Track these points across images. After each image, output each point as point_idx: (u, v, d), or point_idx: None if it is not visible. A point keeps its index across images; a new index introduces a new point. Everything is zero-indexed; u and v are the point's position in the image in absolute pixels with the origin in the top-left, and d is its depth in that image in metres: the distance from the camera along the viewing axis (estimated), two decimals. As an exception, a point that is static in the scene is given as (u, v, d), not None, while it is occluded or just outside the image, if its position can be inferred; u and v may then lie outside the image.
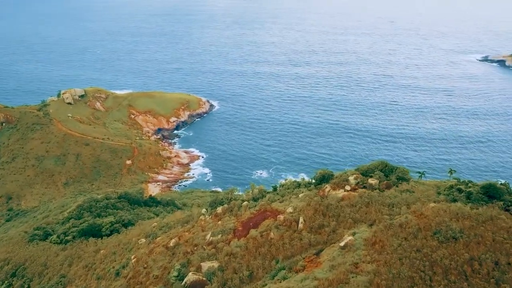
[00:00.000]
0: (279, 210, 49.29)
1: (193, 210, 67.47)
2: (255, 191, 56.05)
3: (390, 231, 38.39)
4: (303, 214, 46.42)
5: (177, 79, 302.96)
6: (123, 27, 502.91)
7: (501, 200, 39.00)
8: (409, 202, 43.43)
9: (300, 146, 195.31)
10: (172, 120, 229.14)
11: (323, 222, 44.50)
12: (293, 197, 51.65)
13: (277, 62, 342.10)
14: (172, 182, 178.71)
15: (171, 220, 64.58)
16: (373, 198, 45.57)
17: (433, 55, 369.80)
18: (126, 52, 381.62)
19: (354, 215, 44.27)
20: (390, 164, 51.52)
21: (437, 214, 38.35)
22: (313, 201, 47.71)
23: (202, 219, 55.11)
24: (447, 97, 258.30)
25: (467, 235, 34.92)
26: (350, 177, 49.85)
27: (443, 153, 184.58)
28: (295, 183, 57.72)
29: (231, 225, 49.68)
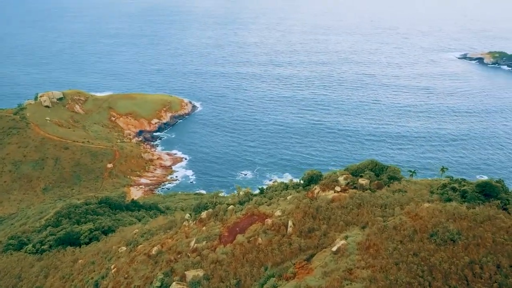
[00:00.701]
0: (266, 214, 46.99)
1: (176, 215, 64.59)
2: (241, 194, 53.66)
3: (385, 234, 36.48)
4: (292, 217, 44.23)
5: (158, 81, 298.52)
6: (102, 28, 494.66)
7: (498, 198, 37.45)
8: (402, 202, 41.62)
9: (284, 146, 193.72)
10: (154, 122, 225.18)
11: (313, 226, 42.38)
12: (281, 199, 49.41)
13: (260, 63, 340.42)
14: (155, 185, 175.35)
15: (153, 226, 61.58)
16: (364, 199, 43.64)
17: (414, 54, 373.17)
18: (106, 53, 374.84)
19: (346, 217, 42.24)
20: (380, 163, 49.74)
21: (433, 214, 36.62)
22: (302, 204, 45.56)
23: (185, 225, 52.40)
24: (429, 96, 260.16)
25: (466, 237, 33.22)
26: (340, 178, 47.85)
27: (426, 151, 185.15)
28: (283, 184, 55.45)
29: (216, 230, 47.18)
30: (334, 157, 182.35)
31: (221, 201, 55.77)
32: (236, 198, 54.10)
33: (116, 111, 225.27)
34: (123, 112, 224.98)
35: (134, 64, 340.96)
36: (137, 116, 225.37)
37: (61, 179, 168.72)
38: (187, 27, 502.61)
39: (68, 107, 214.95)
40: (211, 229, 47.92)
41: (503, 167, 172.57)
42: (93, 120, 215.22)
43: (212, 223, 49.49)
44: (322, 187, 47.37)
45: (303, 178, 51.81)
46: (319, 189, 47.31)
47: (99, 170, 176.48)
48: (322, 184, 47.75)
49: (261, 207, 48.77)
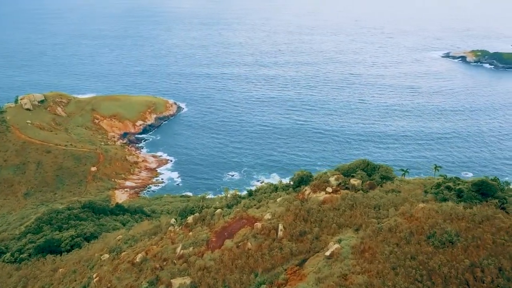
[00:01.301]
0: (256, 217, 45.07)
1: (161, 220, 62.21)
2: (228, 197, 51.64)
3: (380, 237, 34.91)
4: (282, 220, 42.41)
5: (142, 82, 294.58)
6: (84, 29, 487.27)
7: (495, 197, 36.15)
8: (397, 203, 40.11)
9: (270, 147, 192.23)
10: (138, 123, 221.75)
11: (305, 229, 40.61)
12: (271, 202, 47.52)
13: (245, 63, 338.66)
14: (140, 188, 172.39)
15: (137, 232, 59.06)
16: (357, 200, 42.04)
17: (398, 53, 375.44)
18: (88, 55, 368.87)
19: (338, 219, 40.56)
20: (372, 163, 48.25)
21: (429, 215, 35.17)
22: (292, 206, 43.77)
23: (171, 230, 50.14)
24: (414, 95, 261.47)
25: (465, 238, 31.80)
26: (331, 178, 46.17)
27: (413, 150, 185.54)
28: (272, 186, 53.56)
29: (203, 235, 45.09)
30: (321, 157, 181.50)
31: (208, 204, 53.66)
32: (223, 201, 52.07)
33: (100, 113, 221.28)
34: (107, 114, 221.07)
35: (117, 65, 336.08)
36: (121, 118, 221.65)
37: (44, 184, 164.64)
38: (171, 27, 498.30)
39: (49, 110, 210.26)
40: (198, 234, 45.82)
41: (487, 165, 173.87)
42: (76, 123, 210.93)
43: (199, 228, 47.36)
44: (312, 188, 45.64)
45: (293, 179, 50.04)
46: (309, 191, 45.57)
47: (83, 173, 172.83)
48: (313, 185, 46.02)
49: (250, 210, 46.84)
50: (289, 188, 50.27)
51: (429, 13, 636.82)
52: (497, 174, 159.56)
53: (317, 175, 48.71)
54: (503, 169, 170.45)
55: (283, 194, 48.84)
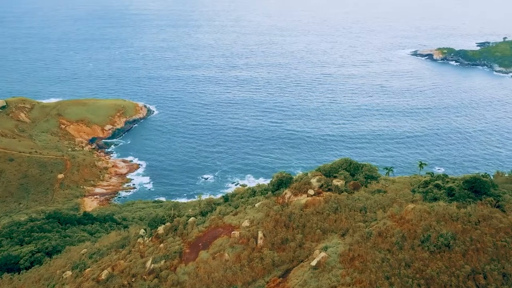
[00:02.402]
0: (233, 225, 41.41)
1: (130, 231, 57.46)
2: (202, 204, 47.72)
3: (369, 242, 31.93)
4: (262, 227, 38.91)
5: (110, 85, 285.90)
6: (47, 32, 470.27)
7: (489, 195, 33.77)
8: (384, 204, 37.28)
9: (244, 150, 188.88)
10: (107, 128, 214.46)
11: (287, 236, 37.27)
12: (249, 207, 43.91)
13: (216, 65, 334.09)
14: (111, 195, 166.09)
15: (103, 245, 54.16)
16: (341, 203, 39.01)
17: (367, 52, 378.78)
18: (52, 59, 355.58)
19: (322, 224, 37.39)
20: (355, 162, 45.39)
21: (420, 217, 32.45)
22: (272, 211, 40.32)
23: (140, 242, 45.73)
24: (384, 94, 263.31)
25: (462, 242, 29.15)
26: (312, 180, 42.97)
27: (387, 150, 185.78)
28: (249, 190, 49.92)
29: (176, 247, 41.09)
30: (295, 158, 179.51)
31: (180, 213, 49.53)
32: (197, 208, 48.11)
33: (66, 118, 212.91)
34: (74, 119, 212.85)
35: (83, 69, 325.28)
36: (89, 122, 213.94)
37: (7, 193, 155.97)
38: (139, 30, 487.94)
39: (12, 116, 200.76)
40: (169, 246, 41.76)
41: (455, 161, 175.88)
42: (40, 129, 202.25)
43: (170, 239, 43.25)
44: (293, 191, 42.34)
45: (272, 182, 46.55)
46: (290, 194, 42.23)
47: (49, 181, 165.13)
48: (293, 188, 42.72)
49: (226, 217, 43.12)
50: (268, 192, 46.73)
51: (395, 13, 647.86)
52: (467, 170, 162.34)
53: (298, 176, 45.47)
54: (472, 164, 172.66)
55: (262, 198, 45.31)
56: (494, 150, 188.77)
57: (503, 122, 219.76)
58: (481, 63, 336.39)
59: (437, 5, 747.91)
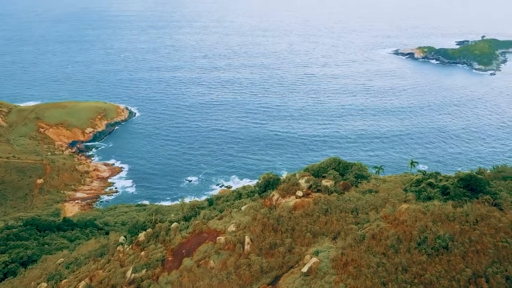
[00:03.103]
0: (218, 230, 39.27)
1: (110, 238, 54.72)
2: (185, 208, 45.44)
3: (363, 246, 30.20)
4: (248, 232, 36.87)
5: (91, 88, 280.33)
6: (24, 35, 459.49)
7: (485, 193, 32.37)
8: (377, 205, 35.63)
9: (228, 152, 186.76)
10: (88, 131, 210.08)
11: (275, 240, 35.31)
12: (234, 211, 41.83)
13: (198, 66, 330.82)
14: (92, 199, 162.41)
15: (81, 253, 51.30)
16: (332, 204, 37.23)
17: (350, 52, 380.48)
18: (30, 61, 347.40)
19: (312, 227, 35.53)
20: (344, 161, 43.75)
21: (415, 217, 30.87)
22: (259, 214, 38.32)
23: (120, 250, 43.21)
24: (367, 93, 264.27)
25: (461, 243, 27.61)
26: (301, 180, 41.14)
27: (371, 149, 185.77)
28: (235, 193, 47.80)
29: (158, 255, 38.77)
30: (280, 160, 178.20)
31: (162, 218, 47.13)
32: (180, 213, 45.79)
33: (45, 121, 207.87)
34: (53, 122, 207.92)
35: (62, 71, 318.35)
36: (69, 125, 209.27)
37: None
38: (119, 31, 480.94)
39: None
40: (151, 254, 39.40)
41: (439, 160, 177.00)
42: (18, 133, 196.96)
43: (152, 246, 40.86)
44: (281, 192, 40.42)
45: (258, 183, 44.56)
46: (278, 196, 40.31)
47: (28, 187, 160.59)
48: (281, 189, 40.79)
49: (210, 222, 40.95)
50: (254, 194, 44.73)
51: (376, 13, 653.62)
52: (451, 168, 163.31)
53: (285, 177, 43.56)
54: (455, 162, 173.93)
55: (248, 201, 43.25)
56: (476, 147, 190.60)
57: (484, 120, 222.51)
58: (461, 61, 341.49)
59: (416, 5, 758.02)
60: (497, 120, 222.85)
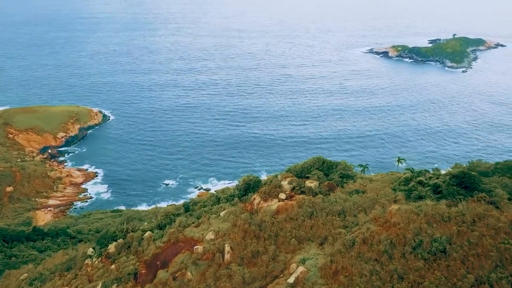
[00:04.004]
0: (195, 239, 36.23)
1: (79, 249, 50.79)
2: (159, 216, 42.15)
3: (353, 252, 27.77)
4: (228, 239, 34.02)
5: (62, 91, 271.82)
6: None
7: (480, 190, 30.42)
8: (365, 206, 33.31)
9: (206, 154, 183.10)
10: (60, 136, 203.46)
11: (258, 248, 32.57)
12: (213, 217, 38.87)
13: (173, 68, 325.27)
14: (66, 206, 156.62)
15: (47, 267, 47.29)
16: (317, 206, 34.73)
17: (325, 52, 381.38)
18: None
19: (298, 232, 32.93)
20: (328, 160, 41.32)
21: (408, 219, 28.66)
22: (240, 220, 35.51)
23: (88, 264, 39.65)
24: (344, 93, 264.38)
25: (460, 246, 25.46)
26: (283, 182, 38.51)
27: (350, 149, 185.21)
28: (213, 197, 44.75)
29: (130, 267, 35.46)
30: (259, 162, 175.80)
31: (134, 227, 43.69)
32: (153, 221, 42.51)
33: (14, 127, 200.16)
34: (23, 128, 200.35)
35: (32, 75, 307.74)
36: (40, 131, 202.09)
37: None
38: (91, 34, 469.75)
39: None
40: (122, 267, 36.05)
41: (416, 158, 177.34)
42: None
43: (123, 259, 37.46)
44: (262, 195, 37.69)
45: (238, 186, 41.69)
46: (259, 199, 37.55)
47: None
48: (263, 192, 38.04)
49: (187, 230, 37.85)
50: (234, 198, 41.81)
51: (350, 13, 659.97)
52: (427, 166, 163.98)
53: (267, 179, 40.84)
54: (431, 160, 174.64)
55: (227, 206, 40.32)
56: (451, 144, 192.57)
57: (458, 117, 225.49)
58: (434, 59, 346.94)
59: (388, 5, 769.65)
60: (470, 117, 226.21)
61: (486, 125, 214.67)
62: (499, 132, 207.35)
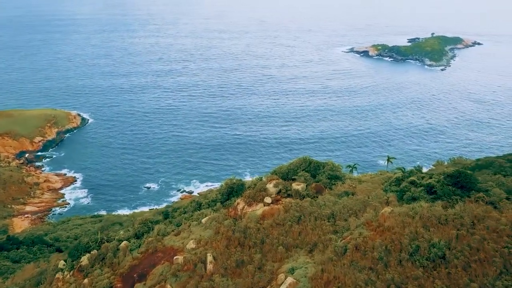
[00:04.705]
0: (175, 248, 33.72)
1: (51, 261, 47.57)
2: (136, 224, 39.43)
3: (345, 260, 25.72)
4: (211, 248, 31.63)
5: (39, 95, 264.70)
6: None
7: (477, 190, 28.74)
8: (356, 209, 31.32)
9: (188, 157, 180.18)
10: (37, 140, 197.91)
11: (243, 257, 30.26)
12: (194, 224, 36.35)
13: (153, 70, 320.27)
14: (44, 212, 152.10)
15: (16, 282, 43.98)
16: (305, 210, 32.61)
17: (306, 52, 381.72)
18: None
19: (285, 239, 30.73)
20: (315, 160, 39.26)
21: (403, 222, 26.78)
22: (223, 227, 33.15)
23: (59, 278, 36.68)
24: (325, 93, 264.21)
25: (460, 251, 23.62)
26: (269, 185, 36.28)
27: (333, 149, 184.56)
28: (194, 203, 42.15)
29: (104, 281, 32.74)
30: (242, 164, 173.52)
31: (109, 236, 40.81)
32: (130, 230, 39.76)
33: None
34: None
35: (6, 78, 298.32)
36: (16, 135, 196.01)
37: None
38: (68, 36, 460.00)
39: None
40: (96, 281, 33.28)
41: (398, 157, 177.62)
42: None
43: (97, 272, 34.67)
44: (247, 200, 35.38)
45: (221, 190, 39.27)
46: (243, 204, 35.24)
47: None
48: (247, 196, 35.72)
49: (166, 238, 35.28)
50: (216, 204, 39.37)
51: (330, 12, 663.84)
52: (410, 165, 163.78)
53: (251, 182, 38.51)
54: (413, 159, 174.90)
55: (209, 212, 37.90)
56: (431, 143, 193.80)
57: (438, 115, 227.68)
58: (413, 58, 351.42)
59: (367, 5, 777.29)
60: (451, 115, 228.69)
61: (466, 123, 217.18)
62: (478, 129, 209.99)
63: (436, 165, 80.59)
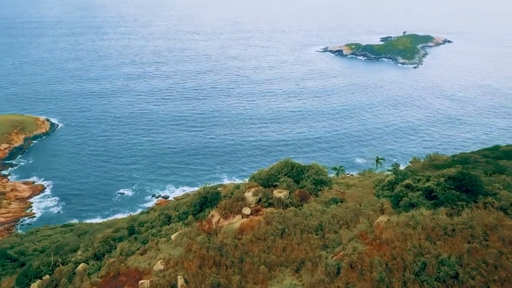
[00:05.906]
0: (140, 270, 29.16)
1: (3, 284, 42.27)
2: (96, 243, 34.63)
3: (340, 282, 21.78)
4: (182, 270, 27.23)
5: (4, 100, 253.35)
6: None
7: (485, 194, 25.26)
8: (347, 219, 27.42)
9: (162, 162, 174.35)
10: (3, 147, 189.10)
11: (219, 279, 25.99)
12: (162, 241, 31.83)
13: (125, 73, 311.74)
14: (11, 223, 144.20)
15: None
16: (289, 222, 28.56)
17: (281, 52, 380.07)
18: None
19: (267, 256, 26.60)
20: (298, 163, 35.32)
21: (403, 234, 23.09)
22: (195, 244, 28.77)
23: (5, 310, 31.70)
24: (302, 93, 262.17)
25: (475, 269, 20.03)
26: (247, 193, 32.11)
27: (311, 151, 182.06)
28: (162, 216, 37.50)
29: (57, 313, 28.13)
30: (218, 167, 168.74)
31: (65, 258, 35.80)
32: (89, 249, 34.92)
33: None
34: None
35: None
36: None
37: None
38: (34, 39, 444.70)
39: None
40: (48, 313, 28.56)
41: (374, 158, 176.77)
42: None
43: (49, 302, 29.98)
44: (222, 211, 31.08)
45: (193, 201, 34.80)
46: (218, 216, 30.93)
47: None
48: (222, 208, 31.45)
49: (130, 259, 30.67)
50: (187, 216, 34.86)
51: (303, 13, 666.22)
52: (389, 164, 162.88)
53: (227, 191, 34.18)
54: (391, 158, 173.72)
55: (180, 226, 33.41)
56: (407, 141, 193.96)
57: (412, 113, 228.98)
58: (386, 56, 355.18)
59: (340, 5, 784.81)
60: (425, 112, 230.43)
61: (440, 120, 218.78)
62: (453, 126, 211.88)
63: (413, 162, 78.63)
